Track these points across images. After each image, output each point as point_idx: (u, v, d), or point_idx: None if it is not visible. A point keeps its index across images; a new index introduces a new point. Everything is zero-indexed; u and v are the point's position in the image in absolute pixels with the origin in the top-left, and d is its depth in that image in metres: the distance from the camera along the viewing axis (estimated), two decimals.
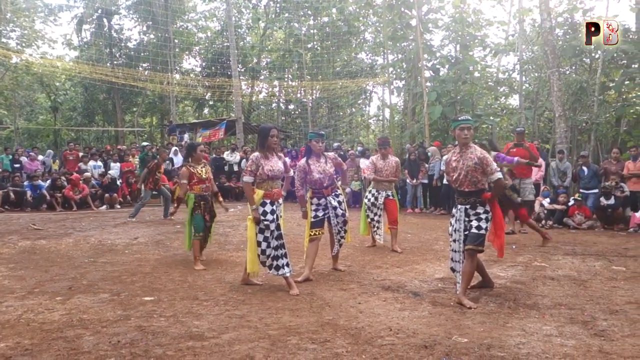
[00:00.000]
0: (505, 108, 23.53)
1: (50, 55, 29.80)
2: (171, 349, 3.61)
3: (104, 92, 29.23)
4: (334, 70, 27.25)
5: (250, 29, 32.22)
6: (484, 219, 4.85)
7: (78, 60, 27.97)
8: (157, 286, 5.56)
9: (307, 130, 24.80)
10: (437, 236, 9.37)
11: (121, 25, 31.27)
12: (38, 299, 4.97)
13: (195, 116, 32.73)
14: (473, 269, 4.92)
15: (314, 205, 6.09)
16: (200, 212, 6.76)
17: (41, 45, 29.73)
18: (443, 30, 21.24)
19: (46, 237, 9.04)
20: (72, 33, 30.65)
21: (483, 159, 4.78)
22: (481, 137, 20.12)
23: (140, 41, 30.45)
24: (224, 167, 18.32)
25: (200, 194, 6.81)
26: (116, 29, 30.58)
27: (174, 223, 11.13)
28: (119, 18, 30.68)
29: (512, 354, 3.51)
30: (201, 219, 6.77)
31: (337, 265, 6.46)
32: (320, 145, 6.07)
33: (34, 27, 29.26)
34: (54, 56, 30.08)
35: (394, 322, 4.22)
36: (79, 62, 27.20)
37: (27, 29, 28.50)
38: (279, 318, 4.37)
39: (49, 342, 3.76)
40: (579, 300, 4.92)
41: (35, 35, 28.95)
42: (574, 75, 17.60)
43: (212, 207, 7.04)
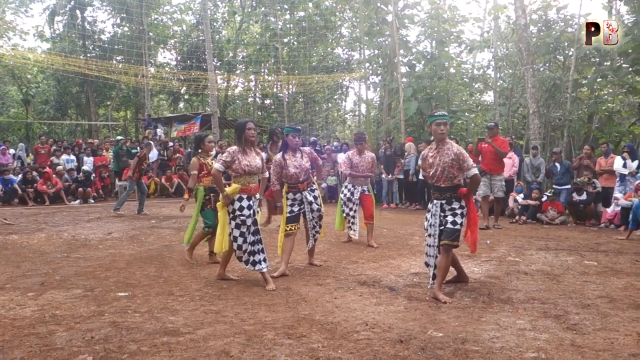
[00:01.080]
0: (480, 104, 23.77)
1: (22, 47, 29.17)
2: (146, 345, 3.57)
3: (77, 85, 28.73)
4: (310, 65, 27.19)
5: (226, 22, 31.98)
6: (460, 214, 4.89)
7: (50, 52, 27.42)
8: (131, 282, 5.50)
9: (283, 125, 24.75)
10: (412, 231, 9.43)
11: (94, 17, 30.74)
12: (9, 295, 4.88)
13: (171, 110, 32.40)
14: (448, 263, 4.96)
15: (290, 200, 6.08)
16: (211, 206, 6.63)
17: (12, 37, 29.11)
18: (419, 26, 21.37)
19: (18, 232, 8.88)
20: (44, 25, 30.02)
21: (459, 155, 4.82)
22: (456, 132, 20.33)
23: (114, 34, 29.97)
24: None
25: (210, 187, 6.69)
26: (89, 21, 30.04)
27: (149, 218, 11.03)
28: (92, 10, 30.14)
29: (486, 347, 3.55)
30: (212, 213, 6.57)
31: (313, 261, 6.46)
32: (297, 140, 6.06)
33: (5, 18, 28.61)
34: (25, 48, 29.45)
35: (370, 317, 4.24)
36: (51, 54, 26.66)
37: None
38: (254, 313, 4.35)
39: (20, 339, 3.69)
40: (551, 295, 5.00)
41: (6, 27, 28.30)
42: (547, 72, 17.83)
43: None
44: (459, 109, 19.83)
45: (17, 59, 26.25)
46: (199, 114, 24.24)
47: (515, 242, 8.31)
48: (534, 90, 14.29)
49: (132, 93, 30.75)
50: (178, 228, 9.48)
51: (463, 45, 21.10)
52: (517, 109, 19.25)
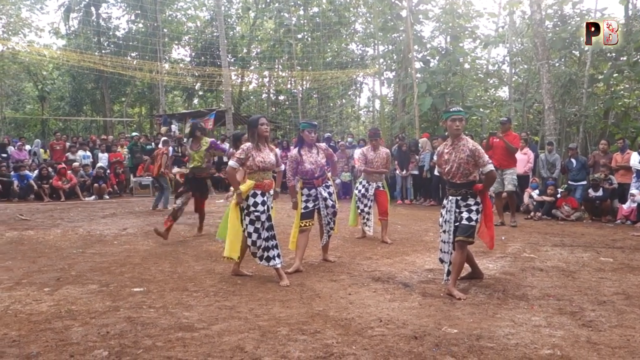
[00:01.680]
0: (494, 100, 23.61)
1: (37, 44, 29.40)
2: (161, 340, 3.59)
3: (92, 81, 28.95)
4: (324, 61, 27.14)
5: (240, 18, 31.99)
6: (475, 210, 4.86)
7: (66, 49, 27.63)
8: (146, 277, 5.53)
9: (297, 121, 24.76)
10: (426, 227, 9.40)
11: (109, 14, 30.90)
12: (26, 290, 4.93)
13: (185, 106, 32.52)
14: (463, 260, 4.93)
15: (305, 196, 6.08)
16: None
17: (28, 34, 29.34)
18: (433, 22, 21.25)
19: (34, 228, 8.97)
20: (60, 21, 30.26)
21: (475, 151, 4.78)
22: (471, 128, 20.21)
23: (128, 30, 30.11)
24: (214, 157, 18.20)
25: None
26: (104, 18, 30.20)
27: (163, 214, 11.09)
28: (107, 6, 30.30)
29: (501, 344, 3.53)
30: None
31: (327, 257, 6.46)
32: (313, 135, 6.05)
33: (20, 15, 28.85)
34: (41, 45, 29.70)
35: (384, 313, 4.23)
36: (66, 50, 26.87)
37: (13, 17, 28.10)
38: (269, 309, 4.36)
39: (37, 333, 3.73)
40: (567, 291, 4.95)
41: (21, 24, 28.55)
42: (563, 68, 17.66)
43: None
44: (474, 104, 19.73)
45: (32, 56, 26.46)
46: (213, 110, 24.32)
47: (531, 238, 8.25)
48: (550, 86, 14.14)
49: (147, 89, 30.92)
50: (192, 224, 9.52)
51: (478, 40, 20.95)
52: (532, 104, 19.09)
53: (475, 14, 21.27)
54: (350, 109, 31.46)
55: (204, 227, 8.62)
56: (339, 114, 29.24)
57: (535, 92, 17.98)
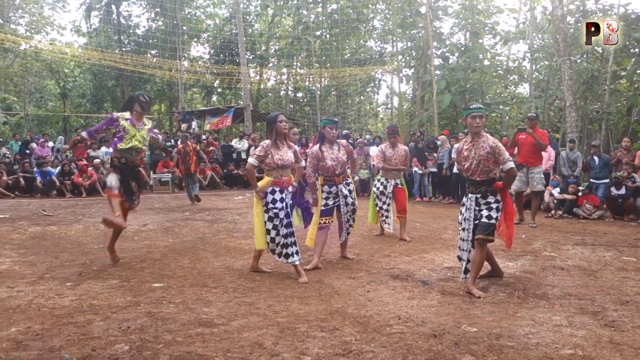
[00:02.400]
0: (515, 97, 23.41)
1: (59, 42, 29.80)
2: (180, 335, 3.62)
3: (113, 79, 29.25)
4: (342, 58, 27.09)
5: (259, 16, 32.05)
6: (495, 208, 4.81)
7: (87, 47, 27.95)
8: (166, 273, 5.58)
9: (315, 118, 24.79)
10: (445, 225, 9.34)
11: (129, 12, 31.21)
12: (48, 285, 5.00)
13: (204, 103, 32.71)
14: (483, 258, 4.90)
15: (325, 193, 6.07)
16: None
17: (50, 32, 29.78)
18: (453, 18, 21.13)
19: (56, 223, 9.09)
20: (81, 19, 30.61)
21: (495, 148, 4.73)
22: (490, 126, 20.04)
23: (148, 28, 30.36)
24: (232, 154, 18.33)
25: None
26: (124, 16, 30.49)
27: (183, 210, 11.17)
28: (127, 4, 30.58)
29: (521, 343, 3.49)
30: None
31: (346, 254, 6.46)
32: (334, 132, 6.05)
33: (43, 13, 29.27)
34: (62, 43, 30.09)
35: (403, 311, 4.22)
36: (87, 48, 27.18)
37: (36, 15, 28.53)
38: (287, 306, 4.37)
39: (59, 327, 3.78)
40: (589, 291, 4.89)
41: (44, 22, 28.97)
42: (585, 64, 17.44)
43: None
44: (494, 101, 19.56)
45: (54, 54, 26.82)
46: (232, 107, 24.44)
47: (551, 236, 8.16)
48: (571, 83, 13.97)
49: (166, 87, 31.14)
50: (211, 220, 9.58)
51: (498, 36, 20.78)
52: (553, 101, 18.89)
53: (496, 10, 21.10)
54: (369, 106, 31.38)
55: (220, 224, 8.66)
56: (357, 111, 29.19)
57: (556, 88, 17.79)
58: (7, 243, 7.30)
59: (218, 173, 17.29)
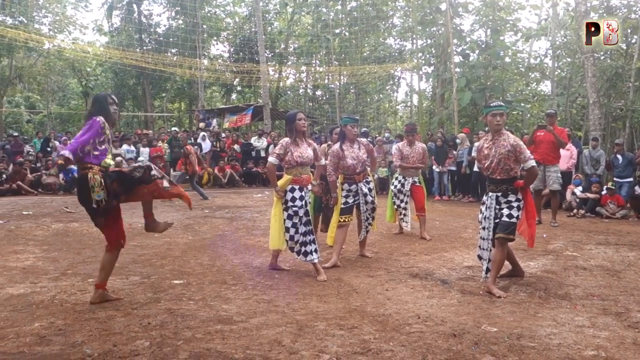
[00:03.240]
0: (536, 94, 23.15)
1: (82, 41, 30.24)
2: (200, 332, 3.64)
3: (134, 77, 29.57)
4: (361, 56, 27.05)
5: (278, 14, 32.15)
6: (516, 207, 4.76)
7: (108, 46, 28.29)
8: (186, 270, 5.62)
9: (334, 116, 24.77)
10: (465, 224, 9.27)
11: (150, 11, 31.52)
12: (71, 281, 5.07)
13: (223, 102, 32.89)
14: (503, 257, 4.85)
15: (345, 192, 6.06)
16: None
17: (72, 31, 30.21)
18: (473, 15, 20.92)
19: (78, 220, 9.20)
20: (103, 19, 31.02)
21: (516, 147, 4.68)
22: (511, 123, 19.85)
23: (169, 27, 30.62)
24: (252, 152, 18.40)
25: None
26: (145, 15, 30.81)
27: (202, 208, 11.23)
28: (148, 3, 30.91)
29: (543, 344, 3.45)
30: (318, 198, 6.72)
31: (365, 252, 6.44)
32: (355, 130, 6.03)
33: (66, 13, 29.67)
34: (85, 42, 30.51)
35: (422, 310, 4.20)
36: (109, 47, 27.51)
37: (59, 15, 28.93)
38: (306, 303, 4.38)
39: (81, 323, 3.83)
40: (612, 291, 4.81)
41: (66, 21, 29.38)
42: (609, 61, 17.17)
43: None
44: (515, 99, 19.37)
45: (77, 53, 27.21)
46: (251, 105, 24.54)
47: (573, 236, 8.05)
48: (595, 80, 13.76)
49: (186, 85, 31.38)
50: (231, 218, 9.63)
51: (519, 33, 20.54)
52: (575, 99, 18.64)
53: (517, 7, 20.88)
54: (388, 104, 31.28)
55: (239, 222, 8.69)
56: (376, 109, 29.11)
57: (579, 86, 17.54)
58: (31, 239, 7.41)
59: (237, 171, 17.36)
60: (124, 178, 4.30)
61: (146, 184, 4.31)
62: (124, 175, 4.32)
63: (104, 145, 4.30)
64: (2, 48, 24.80)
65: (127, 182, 4.29)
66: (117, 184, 4.26)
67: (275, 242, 5.38)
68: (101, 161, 4.28)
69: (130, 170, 4.36)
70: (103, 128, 4.24)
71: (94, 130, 4.19)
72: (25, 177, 14.51)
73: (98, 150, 4.23)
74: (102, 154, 4.28)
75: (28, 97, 31.80)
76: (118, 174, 4.34)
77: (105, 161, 4.31)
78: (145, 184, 4.31)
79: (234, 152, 18.09)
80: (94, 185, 4.20)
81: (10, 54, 26.66)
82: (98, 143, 4.23)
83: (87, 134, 4.17)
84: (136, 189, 4.33)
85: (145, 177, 4.29)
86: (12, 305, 4.29)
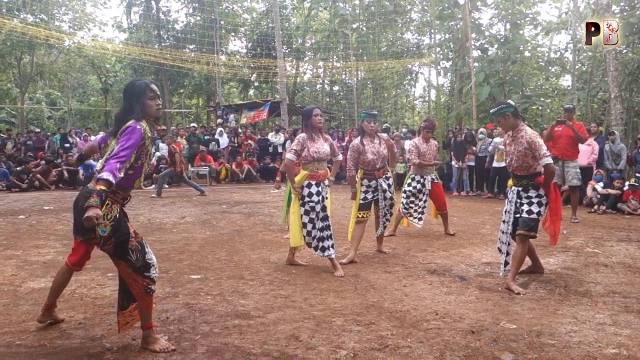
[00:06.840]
0: (556, 89, 22.85)
1: (101, 38, 30.57)
2: (218, 327, 3.66)
3: (152, 73, 29.79)
4: (379, 51, 26.90)
5: (295, 9, 32.12)
6: (536, 203, 4.69)
7: (127, 43, 28.51)
8: (204, 265, 5.65)
9: (352, 112, 24.71)
10: (484, 220, 9.19)
11: (168, 7, 31.83)
12: (90, 275, 5.12)
13: (241, 97, 32.99)
14: (524, 254, 4.80)
15: (364, 187, 6.02)
16: None
17: (92, 28, 30.59)
18: (492, 9, 20.71)
19: None
20: (122, 16, 31.29)
21: (532, 144, 4.59)
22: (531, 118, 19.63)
23: (187, 23, 30.76)
24: (269, 148, 18.44)
25: None
26: (164, 11, 30.97)
27: (220, 203, 11.28)
28: (167, 0, 31.08)
29: (563, 341, 3.41)
30: None
31: (382, 248, 6.41)
32: (372, 125, 5.96)
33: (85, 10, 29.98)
34: (104, 39, 30.83)
35: (440, 306, 4.17)
36: (128, 44, 27.73)
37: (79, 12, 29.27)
38: (323, 299, 4.37)
39: (101, 317, 3.88)
40: (634, 289, 4.73)
41: (86, 18, 29.71)
42: (631, 55, 16.84)
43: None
44: (534, 93, 19.12)
45: (96, 50, 27.47)
46: (268, 101, 24.58)
47: (594, 232, 7.94)
48: (616, 74, 13.52)
49: (204, 81, 31.52)
50: (248, 213, 9.66)
51: (539, 27, 20.28)
52: (596, 93, 18.34)
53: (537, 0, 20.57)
54: (405, 99, 31.12)
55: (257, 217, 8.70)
56: (394, 104, 28.97)
57: (600, 80, 17.27)
58: (52, 234, 7.50)
59: (254, 166, 17.41)
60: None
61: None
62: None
63: (140, 161, 3.27)
64: (24, 45, 25.14)
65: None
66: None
67: (296, 240, 5.37)
68: (133, 183, 3.32)
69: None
70: (144, 138, 3.19)
71: (134, 141, 3.10)
72: (50, 174, 14.79)
73: (132, 169, 3.22)
74: (137, 172, 3.29)
75: (49, 94, 32.23)
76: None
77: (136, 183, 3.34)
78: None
79: (251, 148, 18.15)
80: (106, 215, 3.11)
81: (32, 51, 27.02)
82: (134, 159, 3.19)
83: (129, 148, 3.08)
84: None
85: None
86: (33, 299, 4.35)
